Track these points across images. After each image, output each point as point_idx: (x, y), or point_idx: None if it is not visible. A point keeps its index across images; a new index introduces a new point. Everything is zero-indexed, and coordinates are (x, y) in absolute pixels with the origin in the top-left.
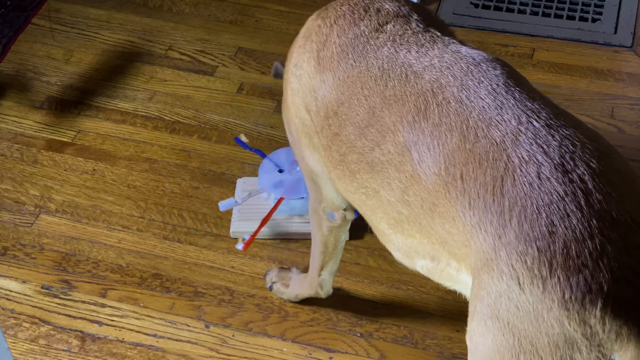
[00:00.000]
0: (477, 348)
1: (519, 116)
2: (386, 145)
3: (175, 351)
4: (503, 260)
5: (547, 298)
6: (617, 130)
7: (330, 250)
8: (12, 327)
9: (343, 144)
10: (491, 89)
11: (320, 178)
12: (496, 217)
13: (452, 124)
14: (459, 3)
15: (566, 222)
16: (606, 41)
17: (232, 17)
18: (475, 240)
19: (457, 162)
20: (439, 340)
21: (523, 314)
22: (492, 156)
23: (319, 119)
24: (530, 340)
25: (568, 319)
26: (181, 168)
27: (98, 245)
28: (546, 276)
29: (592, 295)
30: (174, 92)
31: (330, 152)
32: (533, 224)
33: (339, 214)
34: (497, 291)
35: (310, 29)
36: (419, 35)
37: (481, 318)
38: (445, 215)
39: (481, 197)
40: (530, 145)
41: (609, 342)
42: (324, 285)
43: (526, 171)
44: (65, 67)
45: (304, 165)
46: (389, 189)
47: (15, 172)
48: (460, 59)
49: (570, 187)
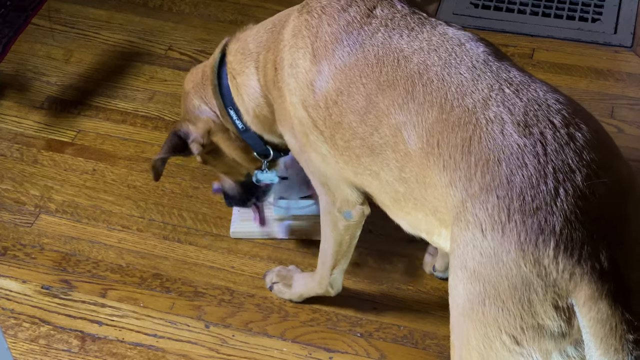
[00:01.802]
0: (453, 300)
1: (492, 85)
2: (382, 129)
3: (175, 351)
4: (469, 211)
5: (506, 241)
6: (617, 130)
7: (344, 249)
8: (12, 327)
9: (346, 132)
10: (471, 64)
11: (330, 179)
12: (464, 173)
13: (433, 100)
14: (459, 3)
15: (523, 170)
16: (606, 41)
17: (232, 17)
18: (448, 198)
19: (435, 132)
20: (439, 340)
21: (486, 259)
22: (463, 121)
23: (319, 112)
24: (493, 284)
25: (524, 260)
26: (181, 168)
27: (98, 245)
28: (505, 221)
29: (545, 236)
30: (174, 92)
31: (334, 141)
32: (494, 174)
33: (355, 210)
34: (464, 241)
35: (297, 26)
36: (407, 18)
37: (453, 270)
38: (430, 183)
39: (452, 157)
40: (498, 107)
41: (562, 282)
42: (335, 284)
43: (491, 129)
44: (65, 67)
45: (312, 168)
46: (388, 170)
47: (15, 172)
48: (446, 41)
49: (530, 139)
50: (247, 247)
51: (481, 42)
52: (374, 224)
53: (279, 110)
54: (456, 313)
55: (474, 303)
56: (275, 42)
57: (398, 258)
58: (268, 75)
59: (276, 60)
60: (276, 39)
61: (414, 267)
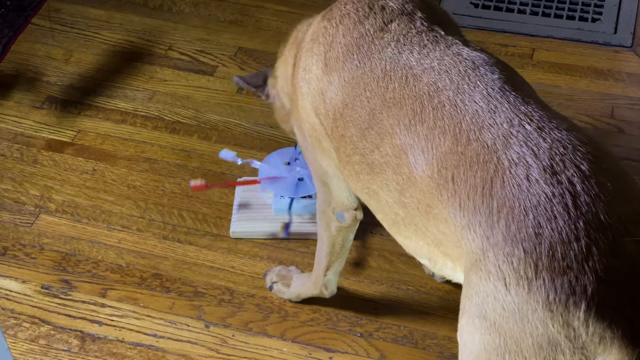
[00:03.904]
0: (465, 345)
1: (511, 119)
2: (384, 147)
3: (175, 351)
4: (490, 261)
5: (532, 299)
6: (617, 130)
7: (337, 250)
8: (12, 327)
9: (348, 145)
10: (486, 92)
11: (332, 180)
12: (485, 218)
13: (446, 127)
14: (459, 3)
15: (553, 223)
16: (606, 41)
17: (232, 17)
18: (465, 241)
19: (449, 165)
20: (439, 340)
21: (509, 314)
22: (482, 158)
23: (328, 122)
24: (515, 340)
25: (552, 321)
26: (181, 168)
27: (98, 245)
28: (532, 278)
29: (575, 298)
30: (174, 92)
31: (339, 154)
32: (520, 225)
33: (349, 214)
34: (484, 291)
35: (317, 32)
36: (422, 35)
37: (469, 316)
38: (438, 216)
39: (471, 198)
40: (521, 148)
41: (592, 345)
42: (329, 286)
43: (515, 173)
44: (65, 67)
45: (316, 167)
46: (387, 191)
47: (15, 172)
48: (459, 62)
49: (558, 188)
50: (247, 247)
51: (497, 66)
52: (374, 224)
53: (292, 105)
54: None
55: (492, 355)
56: (301, 40)
57: (398, 258)
58: (288, 69)
59: (296, 57)
60: (302, 37)
61: (414, 267)
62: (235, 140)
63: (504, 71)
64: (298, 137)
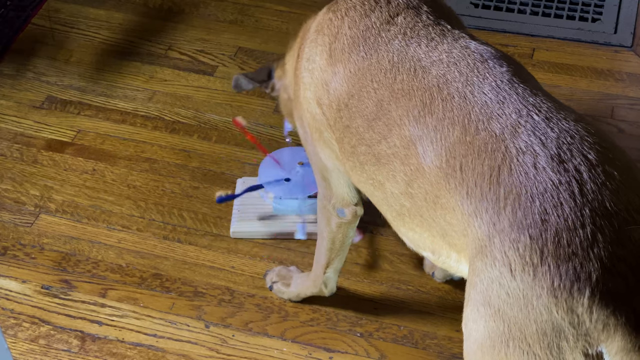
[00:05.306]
0: (470, 334)
1: (519, 110)
2: (392, 138)
3: (175, 351)
4: (496, 247)
5: (537, 285)
6: (617, 130)
7: (337, 247)
8: (12, 327)
9: (353, 136)
10: (495, 85)
11: (332, 174)
12: (491, 205)
13: (455, 118)
14: (459, 3)
15: (559, 210)
16: (606, 41)
17: (232, 17)
18: (471, 228)
19: (457, 154)
20: (439, 340)
21: (513, 300)
22: (490, 147)
23: (331, 112)
24: (519, 327)
25: (556, 307)
26: (181, 168)
27: (98, 245)
28: (537, 264)
29: (580, 284)
30: (174, 92)
31: (342, 144)
32: (526, 211)
33: (349, 209)
34: (489, 277)
35: (322, 23)
36: (429, 28)
37: (474, 304)
38: (446, 206)
39: (478, 186)
40: (529, 137)
41: (595, 332)
42: (329, 284)
43: (523, 161)
44: (65, 67)
45: (316, 160)
46: (394, 182)
47: (15, 172)
48: (467, 55)
49: (565, 176)
50: (247, 247)
51: (504, 59)
52: (374, 223)
53: (294, 97)
54: (473, 346)
55: (496, 342)
56: (305, 31)
57: (398, 258)
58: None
59: (300, 48)
60: (306, 29)
61: (414, 267)
62: (236, 140)
63: (511, 64)
64: (299, 130)
